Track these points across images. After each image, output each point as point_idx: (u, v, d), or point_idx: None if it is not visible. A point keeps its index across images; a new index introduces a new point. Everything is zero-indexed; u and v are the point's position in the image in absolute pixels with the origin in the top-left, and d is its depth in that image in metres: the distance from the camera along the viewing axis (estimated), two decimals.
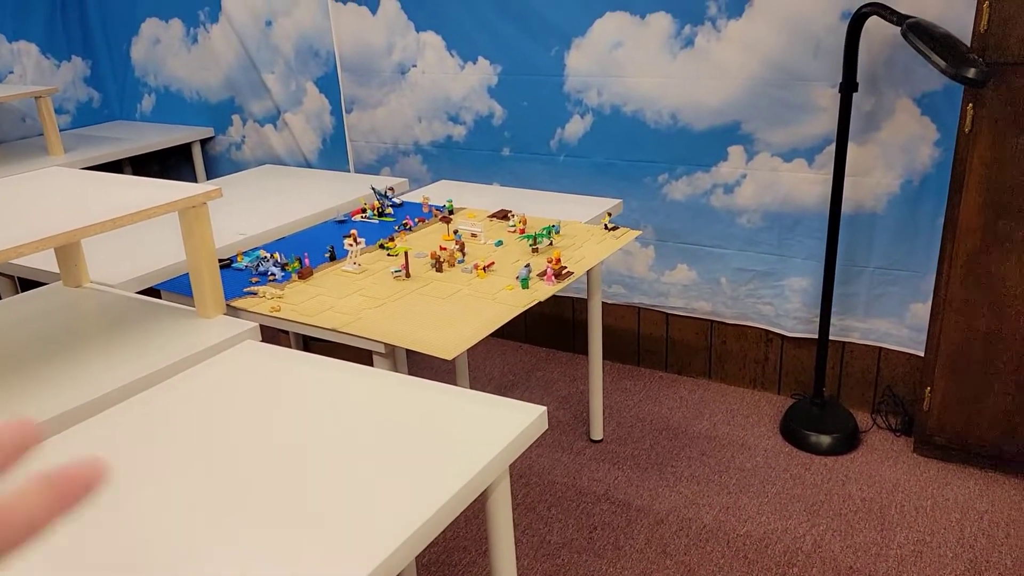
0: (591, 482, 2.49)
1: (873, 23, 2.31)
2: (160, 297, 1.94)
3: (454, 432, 1.28)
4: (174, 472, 1.19)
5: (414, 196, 2.69)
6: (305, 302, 1.78)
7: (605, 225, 2.18)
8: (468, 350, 3.32)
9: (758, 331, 2.90)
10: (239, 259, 2.02)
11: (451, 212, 2.37)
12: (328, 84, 3.45)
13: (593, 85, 2.87)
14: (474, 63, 3.07)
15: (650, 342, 3.12)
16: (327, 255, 2.04)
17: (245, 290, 1.85)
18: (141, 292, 1.96)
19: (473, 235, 2.12)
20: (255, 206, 2.56)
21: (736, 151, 2.71)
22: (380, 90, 3.32)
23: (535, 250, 2.03)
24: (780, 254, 2.75)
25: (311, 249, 2.12)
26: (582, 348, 3.27)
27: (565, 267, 1.87)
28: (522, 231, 2.15)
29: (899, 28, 2.14)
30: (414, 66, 3.21)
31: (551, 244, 2.06)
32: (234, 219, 2.42)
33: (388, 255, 2.04)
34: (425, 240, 2.16)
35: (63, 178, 1.83)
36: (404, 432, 1.28)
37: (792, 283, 2.76)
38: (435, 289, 1.84)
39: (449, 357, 1.52)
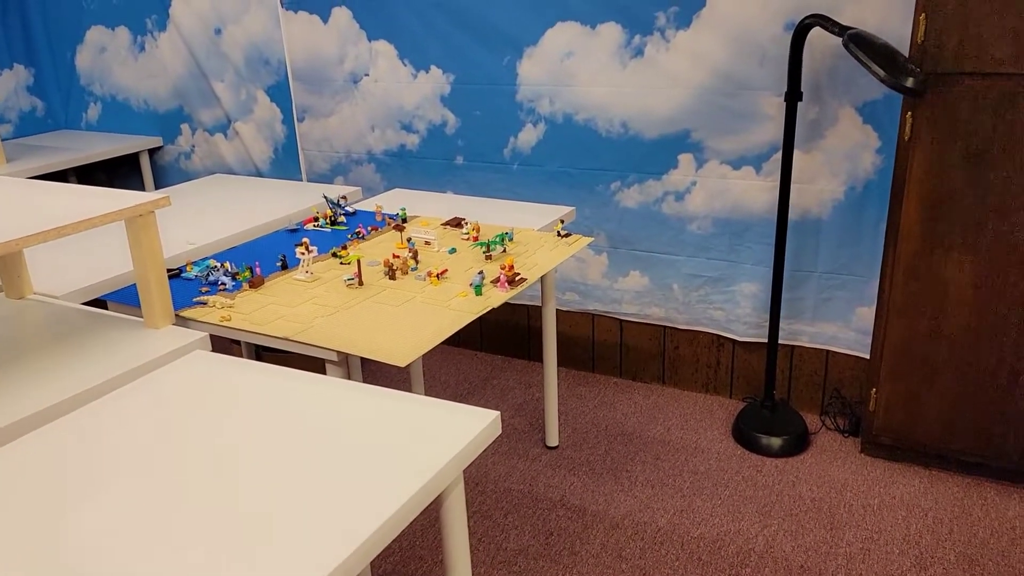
0: (547, 488, 2.49)
1: (816, 34, 2.37)
2: (107, 308, 1.90)
3: (406, 438, 1.27)
4: (119, 485, 1.17)
5: (367, 204, 2.68)
6: (256, 311, 1.76)
7: (558, 232, 2.20)
8: (423, 358, 3.32)
9: (710, 336, 2.94)
10: (188, 269, 1.99)
11: (404, 220, 2.37)
12: (279, 93, 3.43)
13: (545, 94, 2.90)
14: (427, 72, 3.07)
15: (604, 348, 3.15)
16: (279, 264, 2.02)
17: (195, 300, 1.82)
18: (88, 303, 1.92)
19: (427, 243, 2.12)
20: (204, 216, 2.53)
21: (686, 159, 2.75)
22: (332, 99, 3.31)
23: (488, 257, 2.03)
24: (730, 260, 2.80)
25: (262, 258, 2.10)
26: (538, 355, 3.29)
27: (518, 274, 1.88)
28: (475, 239, 2.16)
29: (841, 39, 2.20)
30: (366, 75, 3.20)
31: (504, 251, 2.07)
32: (183, 229, 2.38)
33: (341, 263, 2.03)
34: (378, 248, 2.16)
35: (6, 187, 1.78)
36: (355, 439, 1.27)
37: (742, 288, 2.81)
38: (388, 297, 1.83)
39: (402, 364, 1.51)
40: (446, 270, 1.93)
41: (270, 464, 1.21)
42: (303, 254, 1.92)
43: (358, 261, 1.87)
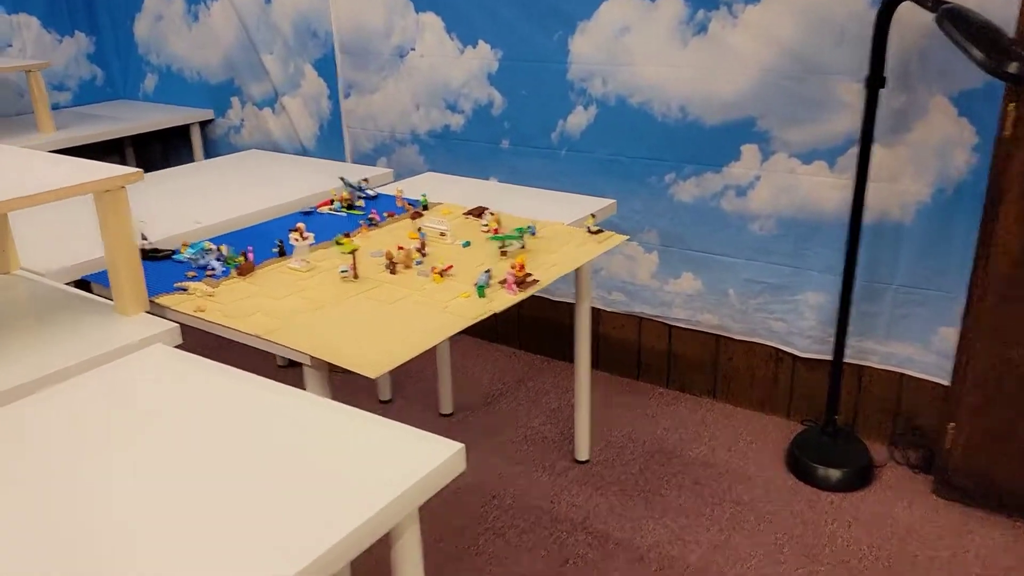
0: (570, 508, 2.27)
1: (906, 9, 2.04)
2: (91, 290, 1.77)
3: (356, 465, 1.08)
4: (31, 496, 1.01)
5: (400, 187, 2.49)
6: (236, 302, 1.59)
7: (588, 228, 1.96)
8: (455, 354, 3.13)
9: (768, 349, 2.65)
10: (183, 250, 1.84)
11: (425, 207, 2.17)
12: (326, 67, 3.27)
13: (598, 73, 2.64)
14: (474, 47, 2.86)
15: (651, 355, 2.89)
16: (275, 250, 1.85)
17: (176, 285, 1.67)
18: (75, 282, 1.79)
19: (442, 234, 1.92)
20: (225, 192, 2.39)
21: (750, 150, 2.46)
22: (378, 74, 3.13)
23: (504, 253, 1.82)
24: (795, 266, 2.50)
25: (270, 241, 1.93)
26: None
27: (530, 274, 1.66)
28: (495, 231, 1.94)
29: (934, 15, 1.88)
30: (412, 49, 3.01)
31: (523, 247, 1.85)
32: (198, 205, 2.25)
33: (343, 253, 1.84)
34: (389, 237, 1.97)
35: (10, 153, 1.66)
36: (300, 462, 1.08)
37: (807, 298, 2.51)
38: (383, 293, 1.64)
39: (372, 375, 1.32)
40: (451, 266, 1.72)
41: (196, 482, 1.03)
42: (297, 240, 1.74)
43: (353, 252, 1.68)
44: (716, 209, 2.57)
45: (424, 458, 1.10)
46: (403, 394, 2.89)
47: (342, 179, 2.22)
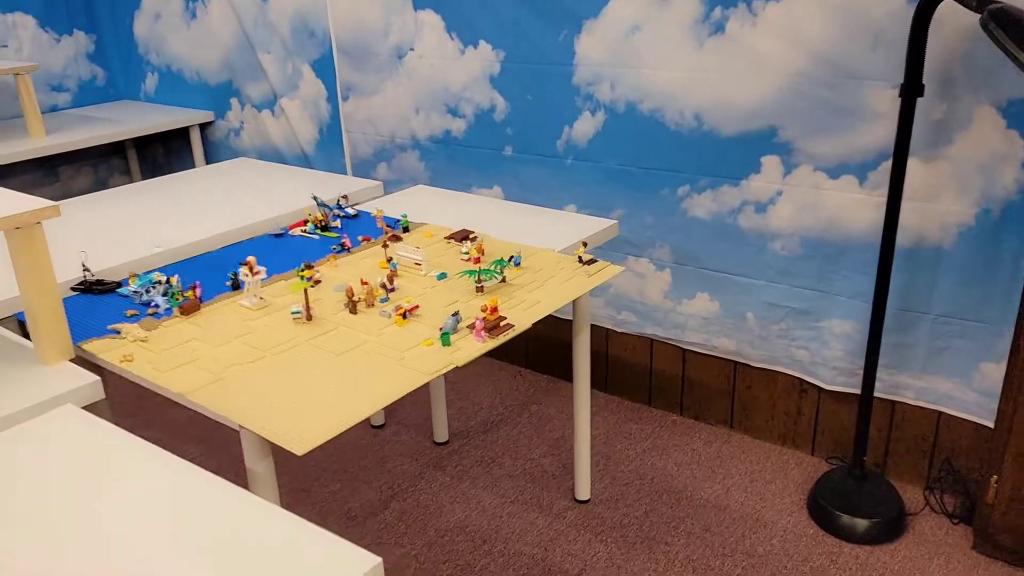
0: (564, 557, 2.07)
1: (947, 9, 1.79)
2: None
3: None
4: None
5: (388, 203, 2.31)
6: (169, 349, 1.42)
7: (579, 257, 1.75)
8: (457, 373, 2.94)
9: (790, 379, 2.41)
10: (131, 281, 1.67)
11: (406, 229, 1.98)
12: (324, 67, 3.09)
13: (606, 77, 2.42)
14: (475, 47, 2.65)
15: (663, 380, 2.67)
16: (228, 283, 1.67)
17: (110, 327, 1.50)
18: (8, 317, 1.63)
19: (417, 263, 1.72)
20: (198, 209, 2.22)
21: (771, 162, 2.23)
22: (376, 76, 2.94)
23: (480, 289, 1.61)
24: (820, 290, 2.26)
25: (232, 268, 1.75)
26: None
27: (503, 318, 1.46)
28: (476, 260, 1.74)
29: (979, 16, 1.63)
30: (411, 49, 2.81)
31: (503, 280, 1.65)
32: (168, 224, 2.08)
33: (294, 292, 1.66)
34: (359, 266, 1.78)
35: None
36: (176, 563, 0.90)
37: (833, 326, 2.27)
38: (335, 339, 1.45)
39: (299, 452, 1.13)
40: (417, 306, 1.53)
41: None
42: (246, 276, 1.56)
43: (305, 291, 1.50)
44: (734, 226, 2.34)
45: (328, 572, 0.91)
46: (397, 418, 2.71)
47: (314, 198, 2.03)
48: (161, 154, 3.95)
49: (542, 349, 2.93)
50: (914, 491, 2.26)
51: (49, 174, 3.75)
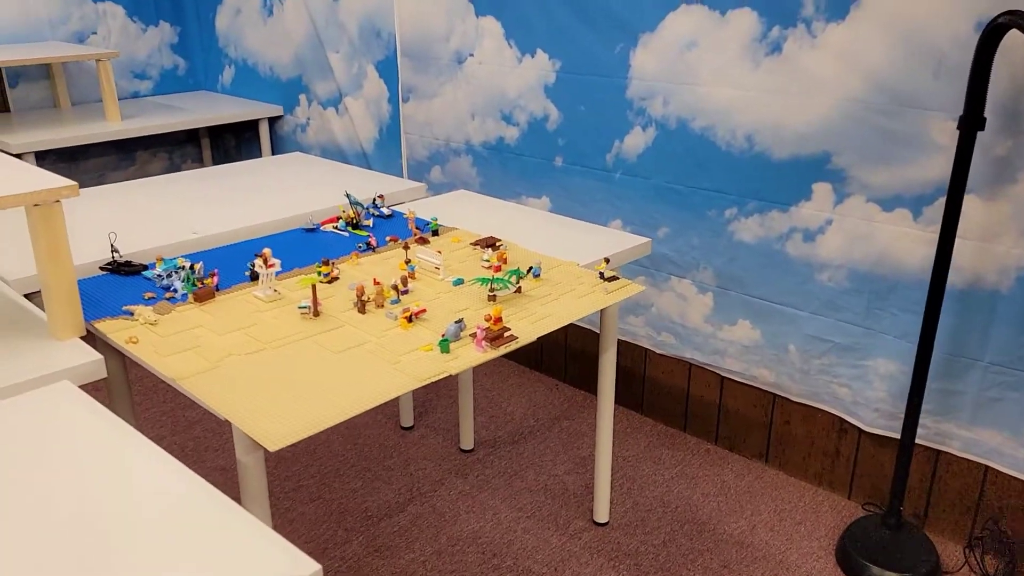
0: None
1: (1018, 39, 1.68)
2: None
3: (190, 563, 0.89)
4: None
5: (427, 205, 2.31)
6: (175, 335, 1.44)
7: (601, 273, 1.71)
8: (492, 377, 2.92)
9: (830, 417, 2.30)
10: (157, 264, 1.71)
11: (435, 232, 1.97)
12: (388, 69, 3.13)
13: (659, 92, 2.37)
14: (532, 56, 2.64)
15: (700, 406, 2.59)
16: (247, 273, 1.69)
17: (124, 308, 1.53)
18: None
19: (436, 267, 1.71)
20: (243, 198, 2.27)
21: (823, 190, 2.13)
22: (437, 79, 2.96)
23: (492, 298, 1.59)
24: (867, 326, 2.15)
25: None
26: (626, 399, 2.78)
27: (507, 329, 1.43)
28: (496, 269, 1.72)
29: None
30: (471, 55, 2.82)
31: (519, 290, 1.62)
32: (211, 211, 2.13)
33: (323, 281, 1.67)
34: (382, 266, 1.78)
35: None
36: (120, 546, 0.90)
37: (878, 365, 2.15)
38: (338, 337, 1.45)
39: (272, 448, 1.13)
40: (424, 310, 1.51)
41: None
42: (260, 268, 1.57)
43: (313, 287, 1.50)
44: (780, 252, 2.25)
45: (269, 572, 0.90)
46: (426, 422, 2.71)
47: (347, 195, 2.04)
48: (232, 144, 4.07)
49: (581, 364, 2.88)
50: (953, 548, 2.12)
51: (125, 158, 3.91)
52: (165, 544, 0.93)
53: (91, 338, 1.46)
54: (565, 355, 2.93)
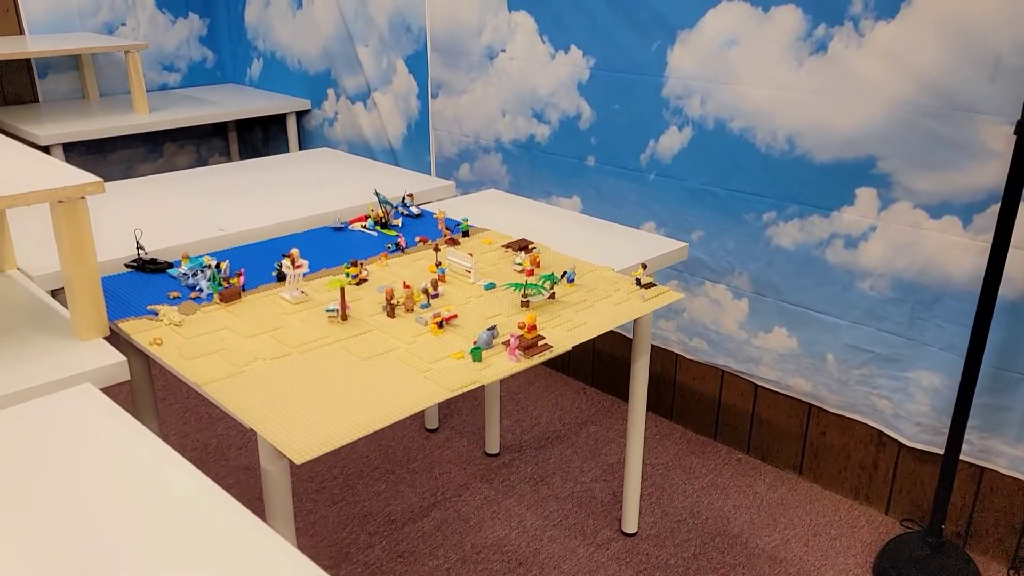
0: None
1: None
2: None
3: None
4: None
5: (456, 205, 2.26)
6: (200, 336, 1.40)
7: (637, 280, 1.65)
8: (519, 381, 2.87)
9: (868, 429, 2.23)
10: (183, 262, 1.68)
11: (465, 233, 1.92)
12: (417, 64, 3.08)
13: (697, 91, 2.30)
14: (565, 52, 2.58)
15: (732, 415, 2.52)
16: (274, 273, 1.65)
17: (148, 307, 1.50)
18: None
19: (467, 271, 1.66)
20: (267, 195, 2.23)
21: (867, 195, 2.06)
22: (467, 75, 2.91)
23: (525, 304, 1.53)
24: (910, 337, 2.08)
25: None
26: (654, 405, 2.72)
27: (541, 337, 1.37)
28: (529, 273, 1.66)
29: None
30: (503, 51, 2.76)
31: (552, 296, 1.56)
32: (239, 207, 2.09)
33: (351, 283, 1.62)
34: (410, 267, 1.73)
35: None
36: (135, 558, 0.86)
37: (920, 377, 2.08)
38: (367, 342, 1.40)
39: (298, 461, 1.08)
40: (455, 315, 1.46)
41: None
42: (288, 269, 1.53)
43: (342, 289, 1.45)
44: (820, 259, 2.18)
45: None
46: (451, 424, 2.66)
47: (376, 194, 2.00)
48: (260, 138, 4.04)
49: (608, 367, 2.82)
50: (997, 569, 2.04)
51: (154, 150, 3.90)
52: (179, 556, 0.89)
53: (114, 336, 1.42)
54: (593, 359, 2.87)
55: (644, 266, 1.69)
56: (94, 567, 0.87)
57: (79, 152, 3.61)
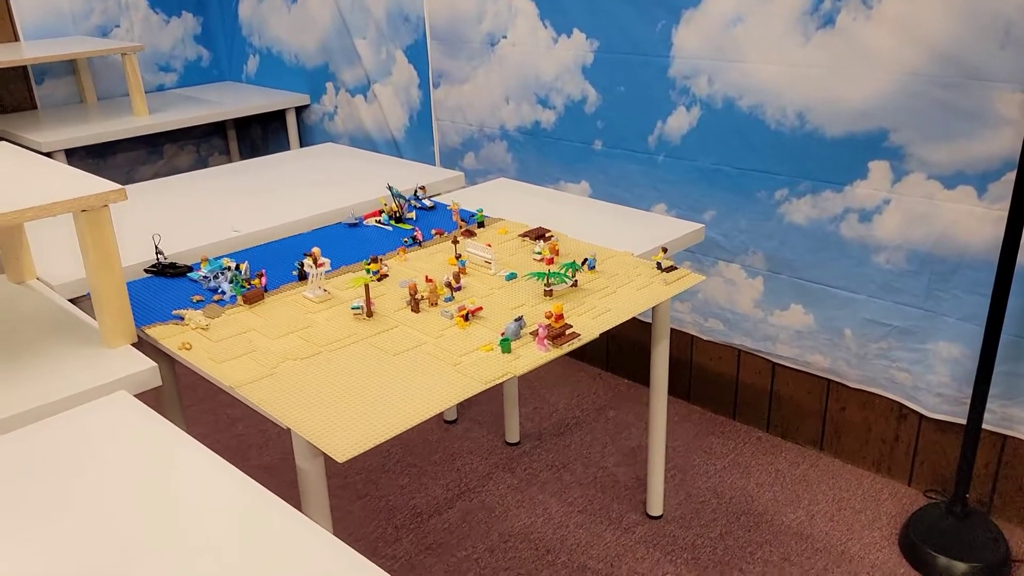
0: (630, 574, 1.98)
1: None
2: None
3: None
4: None
5: (468, 195, 2.25)
6: (227, 339, 1.40)
7: (658, 264, 1.64)
8: (534, 371, 2.86)
9: (888, 402, 2.23)
10: (202, 265, 1.67)
11: (481, 224, 1.91)
12: (417, 54, 3.06)
13: (704, 70, 2.29)
14: (568, 36, 2.56)
15: (750, 393, 2.52)
16: (295, 272, 1.65)
17: (174, 312, 1.49)
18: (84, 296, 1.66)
19: (486, 262, 1.65)
20: (277, 194, 2.22)
21: (879, 168, 2.05)
22: (468, 63, 2.89)
23: (548, 293, 1.53)
24: (927, 309, 2.08)
25: (303, 258, 1.73)
26: (671, 387, 2.71)
27: (569, 326, 1.37)
28: (549, 261, 1.66)
29: None
30: (504, 37, 2.74)
31: (575, 284, 1.56)
32: (250, 207, 2.08)
33: (353, 286, 1.62)
34: (429, 261, 1.72)
35: (3, 157, 1.54)
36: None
37: (939, 349, 2.08)
38: (394, 338, 1.40)
39: (340, 459, 1.08)
40: (480, 308, 1.46)
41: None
42: (310, 268, 1.52)
43: (366, 287, 1.45)
44: (834, 234, 2.18)
45: None
46: (470, 415, 2.66)
47: (389, 188, 1.99)
48: (259, 135, 4.02)
49: (624, 352, 2.83)
50: (1022, 535, 2.05)
51: (153, 151, 3.88)
52: (239, 560, 0.89)
53: (139, 342, 1.42)
54: (608, 343, 2.87)
55: (664, 249, 1.69)
56: (156, 570, 0.88)
57: (80, 157, 3.59)
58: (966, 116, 1.88)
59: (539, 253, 1.69)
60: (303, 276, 1.62)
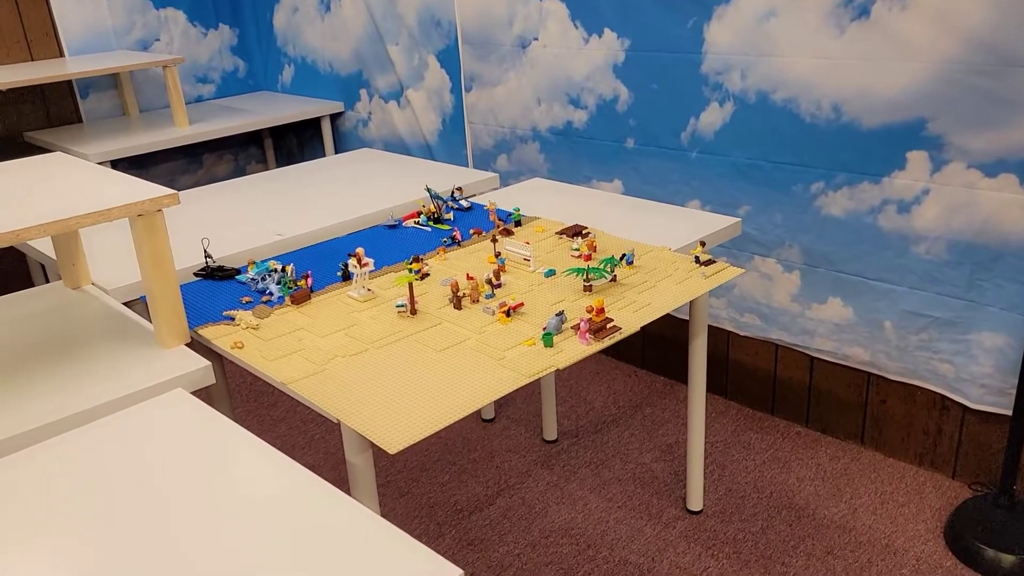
0: (672, 570, 1.99)
1: None
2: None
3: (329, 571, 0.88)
4: None
5: (503, 195, 2.28)
6: (278, 338, 1.44)
7: (696, 257, 1.66)
8: (570, 369, 2.89)
9: (931, 395, 2.22)
10: (249, 268, 1.71)
11: (517, 223, 1.94)
12: (449, 58, 3.10)
13: (736, 65, 2.29)
14: (599, 36, 2.58)
15: (788, 389, 2.52)
16: (339, 273, 1.69)
17: (225, 313, 1.53)
18: (136, 300, 1.71)
19: (525, 259, 1.68)
20: (317, 199, 2.26)
21: (918, 158, 2.04)
22: (500, 66, 2.92)
23: (588, 288, 1.55)
24: (969, 299, 2.06)
25: (346, 259, 1.77)
26: (708, 383, 2.71)
27: (610, 320, 1.39)
28: (587, 258, 1.68)
29: None
30: (535, 39, 2.77)
31: (614, 279, 1.58)
32: (291, 212, 2.13)
33: (398, 284, 1.65)
34: (469, 260, 1.75)
35: (61, 167, 1.60)
36: (260, 557, 0.89)
37: (982, 339, 2.06)
38: (439, 334, 1.43)
39: (391, 451, 1.11)
40: (522, 303, 1.49)
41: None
42: (354, 268, 1.56)
43: (410, 285, 1.48)
44: (872, 226, 2.17)
45: None
46: (507, 413, 2.69)
47: (428, 189, 2.02)
48: (295, 143, 4.09)
49: (659, 349, 2.83)
50: None
51: (193, 161, 3.96)
52: (308, 556, 0.92)
53: (190, 343, 1.46)
54: (643, 341, 2.88)
55: (703, 243, 1.70)
56: (224, 567, 0.91)
57: (122, 168, 3.67)
58: (1005, 103, 1.86)
59: (577, 249, 1.71)
60: (347, 276, 1.66)
